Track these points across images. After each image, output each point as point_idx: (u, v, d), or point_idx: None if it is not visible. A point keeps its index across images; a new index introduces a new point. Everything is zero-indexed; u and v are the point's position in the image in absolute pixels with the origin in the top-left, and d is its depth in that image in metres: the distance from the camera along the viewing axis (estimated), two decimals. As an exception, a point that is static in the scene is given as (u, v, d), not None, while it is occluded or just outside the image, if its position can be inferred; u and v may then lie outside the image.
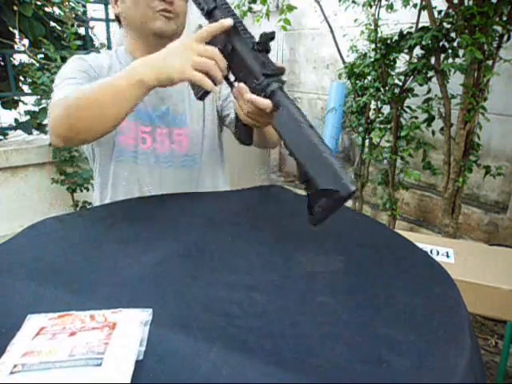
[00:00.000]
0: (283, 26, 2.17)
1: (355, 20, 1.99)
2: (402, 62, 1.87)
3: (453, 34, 1.62)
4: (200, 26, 0.81)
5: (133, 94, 0.76)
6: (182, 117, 1.07)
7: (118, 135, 1.02)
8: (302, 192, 0.79)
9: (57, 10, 2.23)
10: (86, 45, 2.38)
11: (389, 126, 1.97)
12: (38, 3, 2.09)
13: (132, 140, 1.03)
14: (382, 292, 0.60)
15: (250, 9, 2.27)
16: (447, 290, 0.62)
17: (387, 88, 1.88)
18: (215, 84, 0.73)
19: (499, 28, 1.52)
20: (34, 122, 2.21)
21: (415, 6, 1.78)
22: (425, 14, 1.70)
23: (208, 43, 0.73)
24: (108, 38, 2.54)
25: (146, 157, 1.04)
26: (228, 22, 0.71)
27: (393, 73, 1.90)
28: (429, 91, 1.74)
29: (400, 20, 1.93)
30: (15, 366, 0.43)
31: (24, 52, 2.16)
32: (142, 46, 1.03)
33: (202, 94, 0.78)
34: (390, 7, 1.84)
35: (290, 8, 2.14)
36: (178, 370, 0.44)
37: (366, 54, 2.03)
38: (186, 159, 1.07)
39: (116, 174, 1.06)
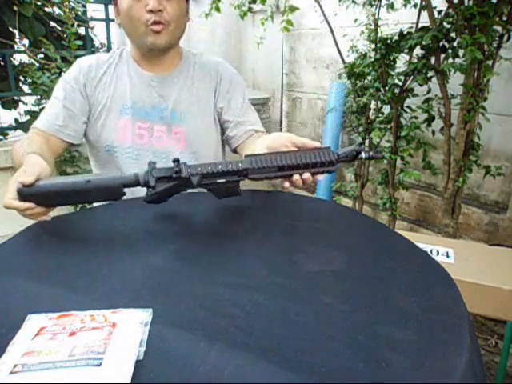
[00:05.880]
0: (285, 28, 2.17)
1: (355, 20, 1.99)
2: (402, 61, 1.87)
3: (453, 34, 1.61)
4: None
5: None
6: (181, 115, 1.10)
7: (112, 133, 1.07)
8: (301, 192, 0.80)
9: (57, 10, 2.23)
10: (86, 45, 2.38)
11: (389, 126, 1.97)
12: (38, 3, 2.09)
13: (127, 135, 1.07)
14: (382, 292, 0.60)
15: (250, 9, 2.27)
16: (447, 289, 0.62)
17: (387, 88, 1.88)
18: None
19: (499, 28, 1.52)
20: (34, 122, 2.20)
21: (415, 6, 1.78)
22: (425, 14, 1.70)
23: None
24: (108, 38, 2.54)
25: (142, 152, 1.08)
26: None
27: (393, 73, 1.90)
28: (429, 91, 1.74)
29: (400, 20, 1.92)
30: (15, 366, 0.43)
31: (24, 52, 2.16)
32: (141, 55, 1.10)
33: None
34: (391, 7, 1.83)
35: (293, 9, 2.14)
36: (178, 370, 0.44)
37: (365, 54, 2.03)
38: (184, 156, 1.09)
39: (113, 170, 1.08)
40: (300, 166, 0.78)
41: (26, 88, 2.36)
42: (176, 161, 0.76)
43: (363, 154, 0.81)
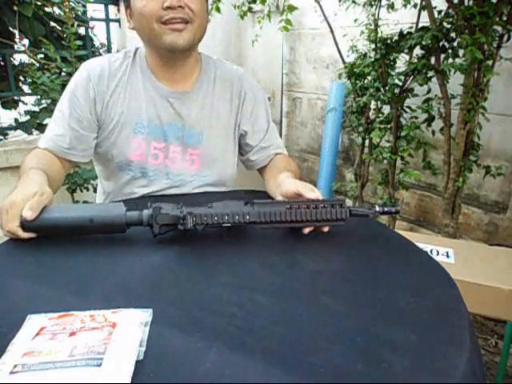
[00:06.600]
0: (285, 27, 2.17)
1: (355, 20, 1.99)
2: (402, 61, 1.87)
3: (453, 34, 1.61)
4: None
5: None
6: (198, 136, 1.05)
7: (125, 151, 1.02)
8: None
9: (57, 10, 2.23)
10: (86, 45, 2.38)
11: (389, 126, 1.97)
12: (38, 3, 2.09)
13: (142, 156, 1.02)
14: (382, 292, 0.60)
15: (250, 9, 2.27)
16: (447, 289, 0.62)
17: (387, 88, 1.88)
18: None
19: (499, 28, 1.52)
20: (34, 122, 2.21)
21: (415, 6, 1.78)
22: (425, 14, 1.70)
23: None
24: (108, 38, 2.54)
25: (157, 173, 1.04)
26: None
27: (393, 73, 1.90)
28: (429, 91, 1.74)
29: (400, 20, 1.92)
30: (15, 366, 0.43)
31: (24, 52, 2.16)
32: (158, 65, 1.02)
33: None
34: (391, 7, 1.84)
35: (292, 8, 2.14)
36: (178, 370, 0.44)
37: (365, 54, 2.03)
38: (196, 178, 1.07)
39: (122, 188, 1.06)
40: (309, 221, 0.77)
41: (26, 88, 2.37)
42: (182, 218, 0.74)
43: (378, 211, 0.80)
